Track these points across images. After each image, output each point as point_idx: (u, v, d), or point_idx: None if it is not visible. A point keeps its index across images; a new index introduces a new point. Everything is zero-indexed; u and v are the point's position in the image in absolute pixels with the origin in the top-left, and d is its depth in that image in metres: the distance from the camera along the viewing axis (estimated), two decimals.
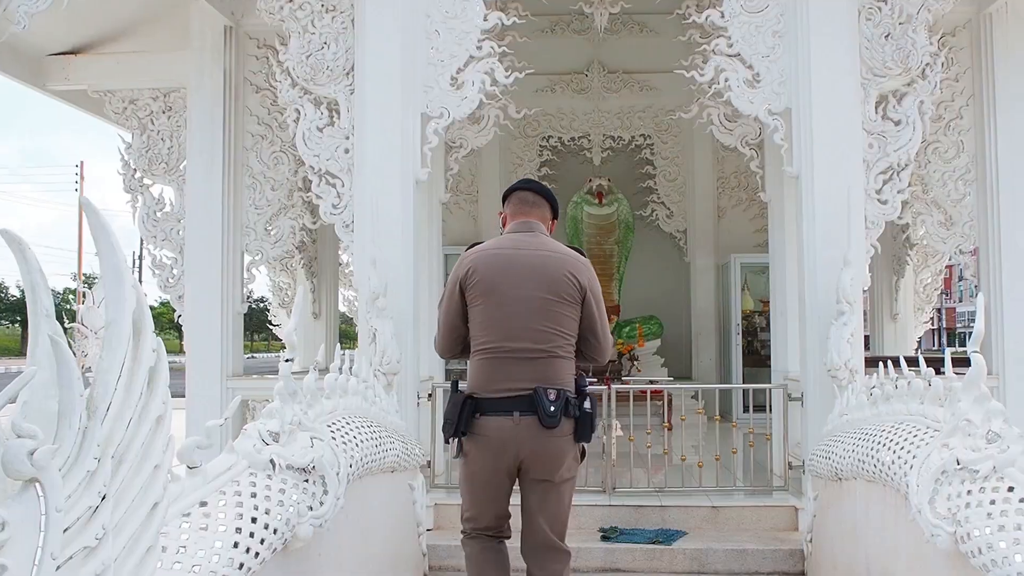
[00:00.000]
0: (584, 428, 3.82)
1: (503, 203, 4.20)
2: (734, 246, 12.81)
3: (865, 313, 9.80)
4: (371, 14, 6.71)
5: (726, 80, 6.64)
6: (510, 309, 3.78)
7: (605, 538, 6.30)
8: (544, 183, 4.45)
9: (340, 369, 4.56)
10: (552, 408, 3.66)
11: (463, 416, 3.76)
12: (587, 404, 3.83)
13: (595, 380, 9.38)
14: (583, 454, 3.97)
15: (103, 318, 2.00)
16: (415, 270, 6.78)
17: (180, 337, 8.20)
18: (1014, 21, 7.62)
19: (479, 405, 3.77)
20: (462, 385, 3.96)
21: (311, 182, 6.92)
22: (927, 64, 6.58)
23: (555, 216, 4.18)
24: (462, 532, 3.99)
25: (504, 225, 4.16)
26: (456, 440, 3.86)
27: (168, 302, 8.53)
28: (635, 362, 11.60)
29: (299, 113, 6.87)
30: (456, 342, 4.02)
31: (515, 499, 3.93)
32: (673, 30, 8.47)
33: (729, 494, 7.02)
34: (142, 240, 8.42)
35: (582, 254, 4.06)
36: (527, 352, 3.75)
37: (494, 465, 3.77)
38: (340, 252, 11.33)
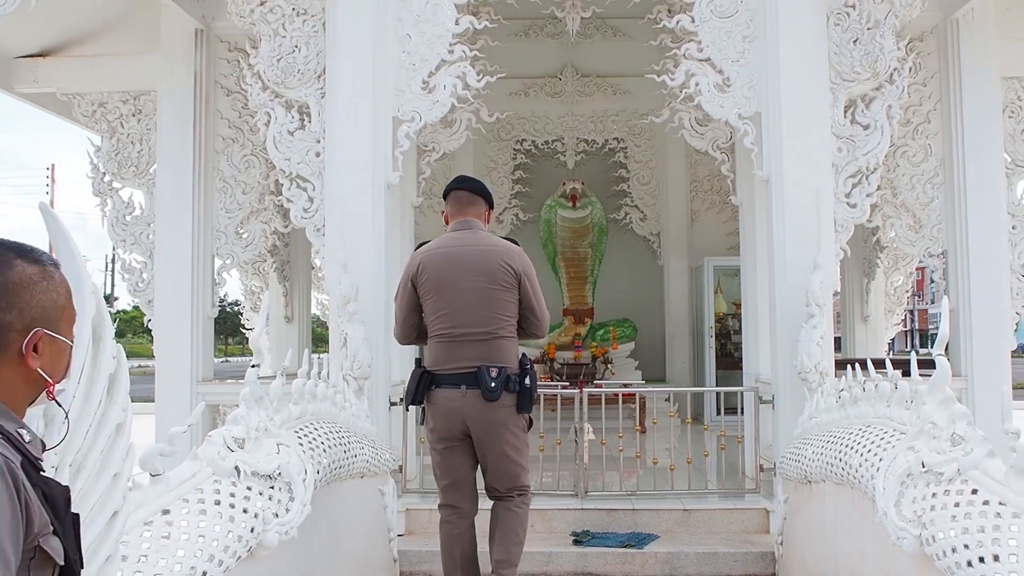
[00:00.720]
0: (524, 400, 4.46)
1: (444, 201, 4.81)
2: (707, 249, 12.86)
3: (836, 315, 9.87)
4: (342, 17, 6.69)
5: (697, 84, 6.67)
6: (457, 299, 4.45)
7: (577, 542, 6.30)
8: (476, 177, 5.17)
9: (309, 374, 4.54)
10: (493, 384, 4.34)
11: (420, 387, 4.52)
12: (527, 380, 4.46)
13: (567, 384, 9.47)
14: (530, 423, 4.66)
15: None
16: (387, 274, 6.75)
17: (153, 341, 8.11)
18: (980, 26, 7.69)
19: (434, 379, 4.50)
20: (426, 363, 4.67)
21: (282, 186, 6.90)
22: (895, 69, 6.64)
23: (490, 207, 4.87)
24: (439, 505, 4.75)
25: (447, 223, 4.78)
26: (420, 409, 4.65)
27: (139, 307, 8.45)
28: (609, 365, 11.62)
29: (270, 116, 6.84)
30: (411, 330, 4.72)
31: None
32: (645, 34, 8.47)
33: (701, 497, 7.03)
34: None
35: (515, 243, 4.70)
36: (473, 335, 4.43)
37: (447, 427, 4.50)
38: (312, 256, 11.27)
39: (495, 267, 4.47)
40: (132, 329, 51.47)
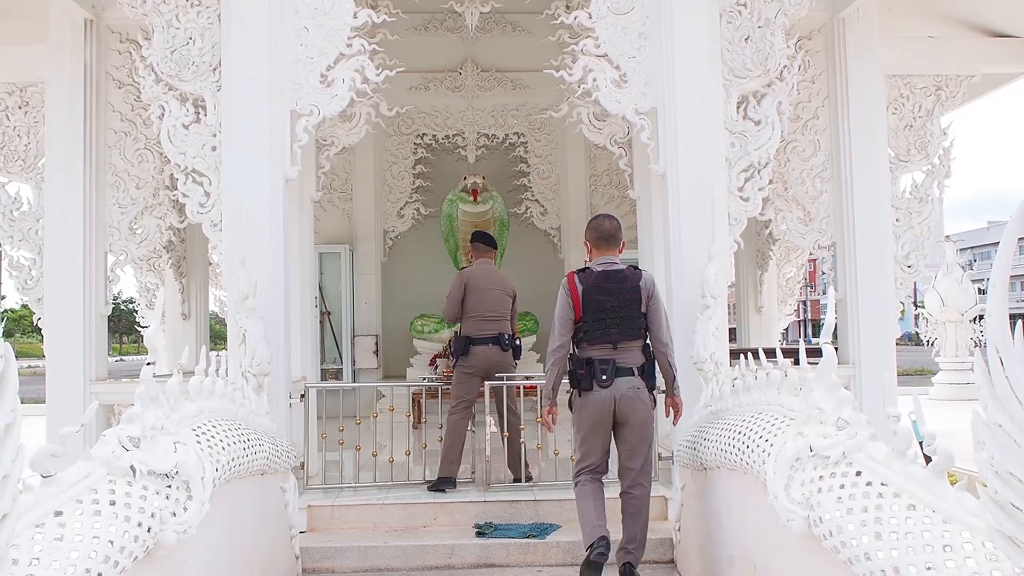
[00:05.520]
0: (517, 351, 7.64)
1: (471, 245, 8.03)
2: None
3: (731, 306, 10.10)
4: (238, 9, 6.61)
5: (594, 80, 6.77)
6: (486, 298, 7.50)
7: (480, 534, 6.34)
8: (489, 233, 8.29)
9: (207, 371, 4.48)
10: (506, 343, 7.50)
11: (462, 346, 7.42)
12: (517, 342, 7.68)
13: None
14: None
15: None
16: (286, 269, 6.70)
17: (43, 341, 7.87)
18: (865, 26, 7.98)
19: (471, 340, 7.41)
20: (464, 332, 7.53)
21: (177, 180, 6.77)
22: (784, 66, 6.85)
23: (495, 248, 8.06)
24: (454, 408, 7.42)
25: (474, 258, 7.85)
26: (456, 360, 7.55)
27: (28, 305, 8.18)
28: None
29: (164, 110, 6.72)
30: (458, 312, 7.52)
31: None
32: (544, 30, 8.55)
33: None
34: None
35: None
36: (494, 317, 7.50)
37: (476, 367, 7.40)
38: (210, 251, 11.08)
39: (505, 284, 7.69)
40: (21, 328, 49.81)
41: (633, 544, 5.19)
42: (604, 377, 5.09)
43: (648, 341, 5.28)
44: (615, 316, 5.13)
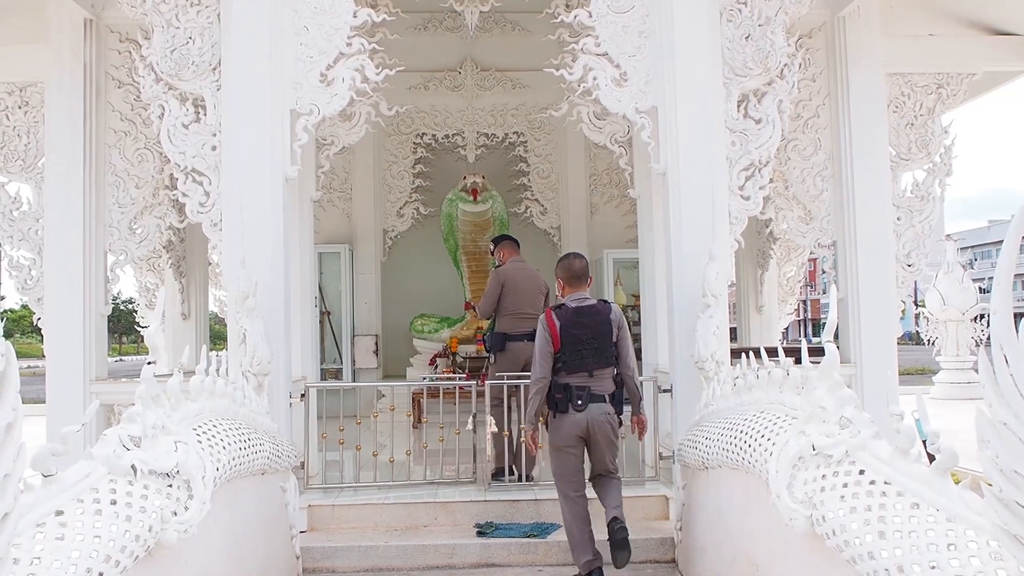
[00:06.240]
0: None
1: (496, 247, 8.26)
2: (607, 242, 13.02)
3: (731, 306, 10.09)
4: (238, 8, 6.60)
5: (594, 79, 6.76)
6: (522, 296, 7.66)
7: (481, 533, 6.33)
8: (511, 235, 8.61)
9: (207, 371, 4.47)
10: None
11: (500, 342, 7.61)
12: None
13: (468, 376, 9.50)
14: None
15: None
16: (286, 269, 6.69)
17: (43, 340, 7.86)
18: (865, 24, 7.96)
19: (508, 336, 7.59)
20: (500, 328, 7.72)
21: (177, 180, 6.76)
22: (785, 65, 6.83)
23: (519, 247, 8.21)
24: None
25: (505, 257, 8.01)
26: (493, 354, 7.70)
27: (28, 305, 8.16)
28: None
29: (163, 109, 6.71)
30: (494, 309, 7.74)
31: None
32: (544, 29, 8.54)
33: None
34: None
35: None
36: (529, 315, 7.44)
37: (512, 361, 7.49)
38: (210, 251, 11.07)
39: (538, 282, 7.83)
40: (21, 329, 49.79)
41: (618, 508, 5.57)
42: (580, 402, 5.56)
43: (618, 368, 5.75)
44: (590, 347, 5.60)
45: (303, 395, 7.08)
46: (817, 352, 4.22)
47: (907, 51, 8.30)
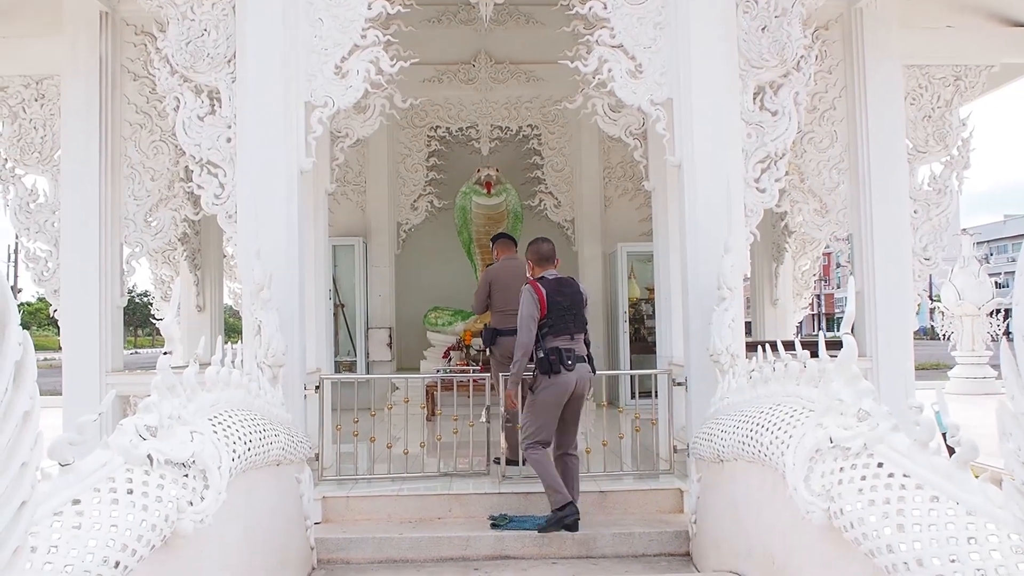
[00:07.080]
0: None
1: (492, 245, 8.55)
2: (621, 235, 12.99)
3: (746, 299, 10.06)
4: (252, 0, 6.59)
5: (609, 71, 6.73)
6: (509, 293, 7.45)
7: (495, 526, 6.33)
8: (508, 233, 9.05)
9: (222, 362, 4.47)
10: None
11: (491, 337, 7.82)
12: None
13: (481, 369, 9.51)
14: None
15: None
16: (300, 261, 6.69)
17: (59, 333, 7.89)
18: (882, 15, 7.89)
19: (499, 332, 7.73)
20: (492, 324, 7.93)
21: (192, 172, 6.77)
22: (801, 56, 6.79)
23: (516, 244, 8.52)
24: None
25: (498, 256, 8.25)
26: (487, 348, 8.00)
27: (45, 297, 8.19)
28: None
29: (179, 101, 6.71)
30: (486, 305, 8.05)
31: None
32: (558, 21, 8.49)
33: (617, 479, 7.14)
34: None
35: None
36: (516, 310, 6.50)
37: (503, 355, 7.36)
38: (224, 243, 11.09)
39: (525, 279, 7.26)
40: (37, 321, 50.07)
41: (577, 494, 6.37)
42: (570, 362, 6.24)
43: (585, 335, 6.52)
44: (570, 314, 6.34)
45: (317, 387, 7.09)
46: (834, 345, 4.19)
47: (924, 43, 8.24)
